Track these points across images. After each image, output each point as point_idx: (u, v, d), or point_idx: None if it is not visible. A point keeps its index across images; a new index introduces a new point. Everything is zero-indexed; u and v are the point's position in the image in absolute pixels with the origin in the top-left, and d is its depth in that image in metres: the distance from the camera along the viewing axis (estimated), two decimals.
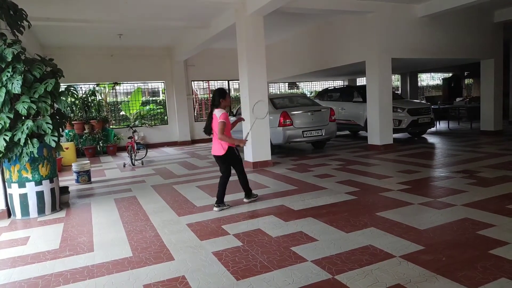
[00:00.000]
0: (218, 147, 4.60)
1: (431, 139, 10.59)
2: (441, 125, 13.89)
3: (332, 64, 10.42)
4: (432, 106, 11.08)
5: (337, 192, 5.18)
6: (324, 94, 12.64)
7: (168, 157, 10.30)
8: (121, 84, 13.02)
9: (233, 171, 4.80)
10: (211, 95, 15.20)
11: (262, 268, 2.95)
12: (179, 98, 13.29)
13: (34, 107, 4.51)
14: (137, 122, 13.26)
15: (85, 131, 11.27)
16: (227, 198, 4.87)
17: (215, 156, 4.71)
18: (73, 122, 11.12)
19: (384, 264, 2.89)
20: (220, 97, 4.55)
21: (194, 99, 14.28)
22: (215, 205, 4.65)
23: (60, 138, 4.91)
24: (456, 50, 9.79)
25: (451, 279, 2.59)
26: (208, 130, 4.64)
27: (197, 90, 14.45)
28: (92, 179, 7.30)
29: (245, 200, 4.95)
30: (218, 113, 4.49)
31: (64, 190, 5.60)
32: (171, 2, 7.33)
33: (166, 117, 13.69)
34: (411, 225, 3.69)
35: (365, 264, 2.91)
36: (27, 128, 4.47)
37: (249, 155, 7.57)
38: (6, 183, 4.93)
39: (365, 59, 8.92)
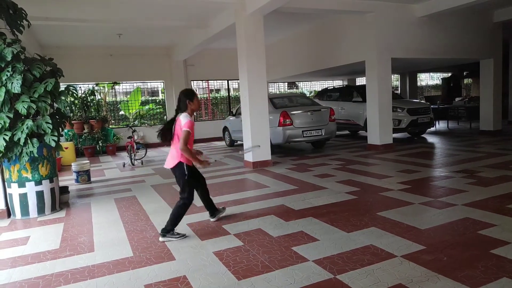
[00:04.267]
0: (172, 158, 3.80)
1: (430, 138, 10.60)
2: (440, 125, 13.91)
3: (332, 64, 10.43)
4: (432, 106, 11.09)
5: (338, 191, 5.18)
6: (324, 94, 12.64)
7: None
8: (120, 84, 12.99)
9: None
10: (210, 95, 15.23)
11: (263, 268, 2.95)
12: None
13: (34, 106, 4.51)
14: (136, 122, 13.24)
15: (84, 131, 11.24)
16: (226, 198, 4.82)
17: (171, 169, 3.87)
18: (72, 121, 11.10)
19: (385, 264, 2.89)
20: (187, 98, 3.69)
21: None
22: (160, 233, 3.74)
23: (60, 137, 4.91)
24: (455, 50, 9.79)
25: (453, 279, 2.59)
26: (165, 136, 3.76)
27: (196, 90, 14.44)
28: (92, 179, 7.28)
29: (211, 219, 4.22)
30: (183, 118, 3.61)
31: (64, 190, 5.59)
32: (170, 2, 7.31)
33: (165, 117, 13.66)
34: (412, 225, 3.69)
35: (366, 264, 2.91)
36: (27, 128, 4.46)
37: (249, 155, 7.57)
38: (6, 183, 4.92)
39: (365, 59, 8.92)
